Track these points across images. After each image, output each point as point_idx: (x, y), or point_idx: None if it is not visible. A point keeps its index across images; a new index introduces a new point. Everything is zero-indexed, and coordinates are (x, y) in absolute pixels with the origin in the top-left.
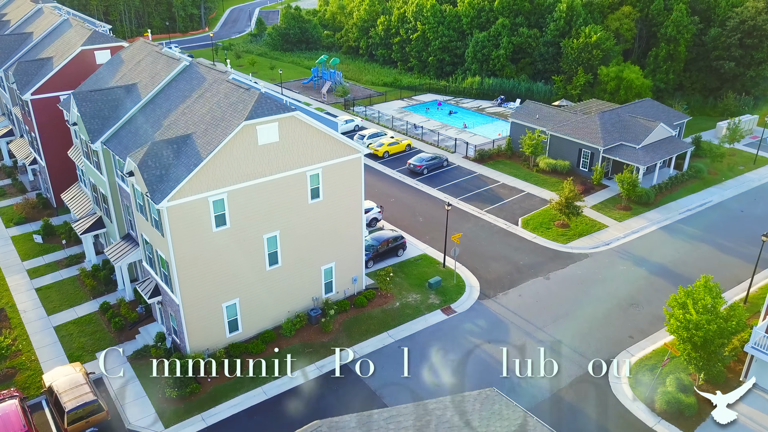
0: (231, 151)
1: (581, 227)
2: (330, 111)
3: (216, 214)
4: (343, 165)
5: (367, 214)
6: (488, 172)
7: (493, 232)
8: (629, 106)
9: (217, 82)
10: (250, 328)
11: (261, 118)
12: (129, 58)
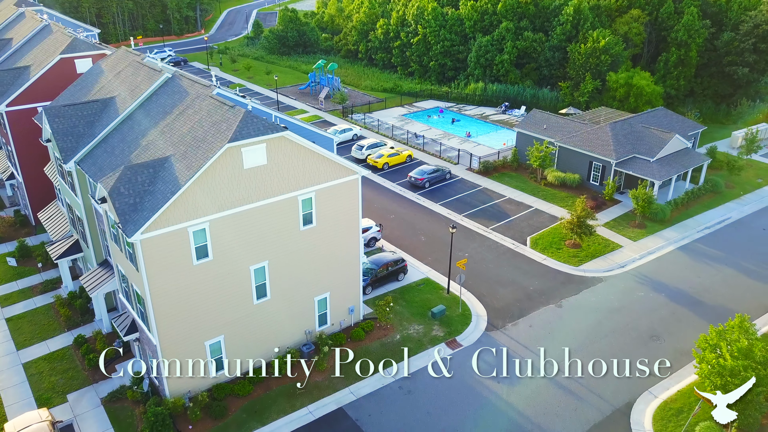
0: (213, 176)
1: (594, 247)
2: (327, 119)
3: (197, 245)
4: (339, 187)
5: (365, 234)
6: (493, 185)
7: (500, 252)
8: (642, 116)
9: (200, 98)
10: (237, 366)
11: (246, 140)
12: (110, 68)
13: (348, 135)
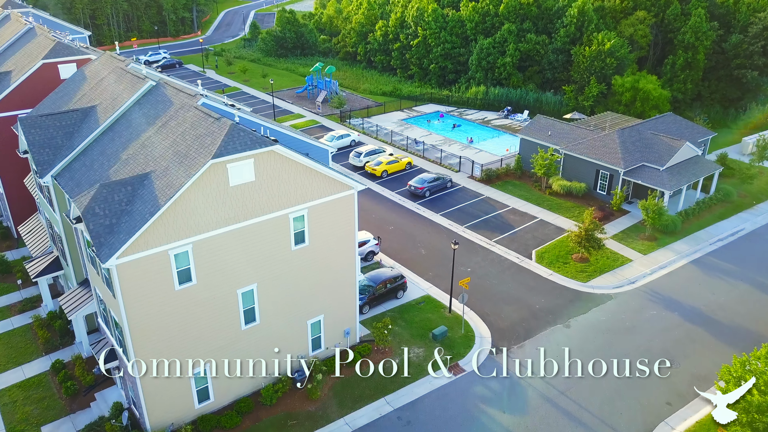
0: (196, 194)
1: (602, 261)
2: (325, 123)
3: (179, 269)
4: (334, 204)
5: (362, 248)
6: (496, 194)
7: (504, 267)
8: (650, 122)
9: (184, 109)
10: (224, 396)
11: (232, 155)
12: (92, 75)
13: (346, 141)
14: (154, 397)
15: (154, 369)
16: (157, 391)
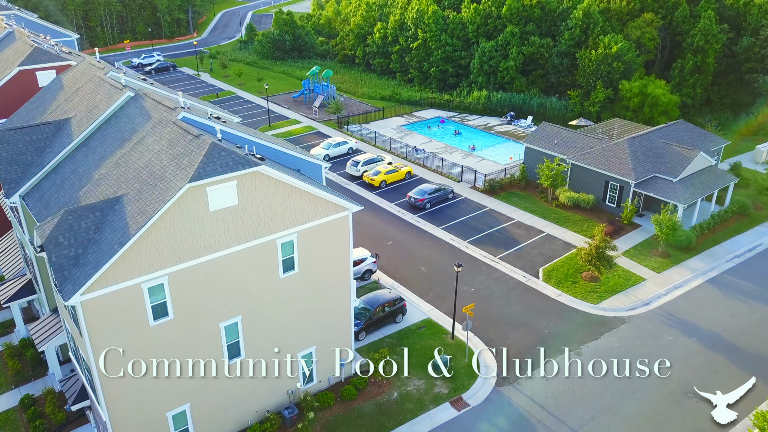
0: (172, 221)
1: (613, 280)
2: (321, 130)
3: (154, 303)
4: (326, 226)
5: (359, 266)
6: (500, 206)
7: (509, 287)
8: (661, 130)
9: (162, 124)
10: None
11: (212, 178)
12: (70, 83)
13: (343, 149)
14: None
15: (128, 412)
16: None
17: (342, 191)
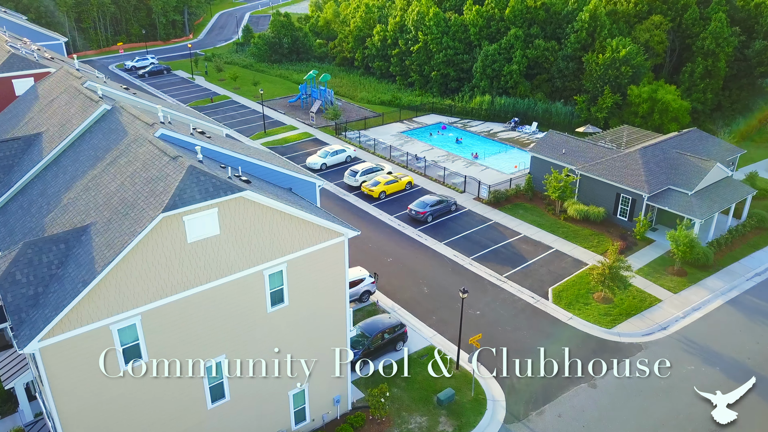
0: (144, 255)
1: (628, 302)
2: (319, 136)
3: (125, 346)
4: (320, 254)
5: (356, 287)
6: (506, 219)
7: (517, 309)
8: (674, 139)
9: (138, 142)
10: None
11: (189, 206)
12: (45, 93)
13: (341, 157)
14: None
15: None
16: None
17: (339, 202)
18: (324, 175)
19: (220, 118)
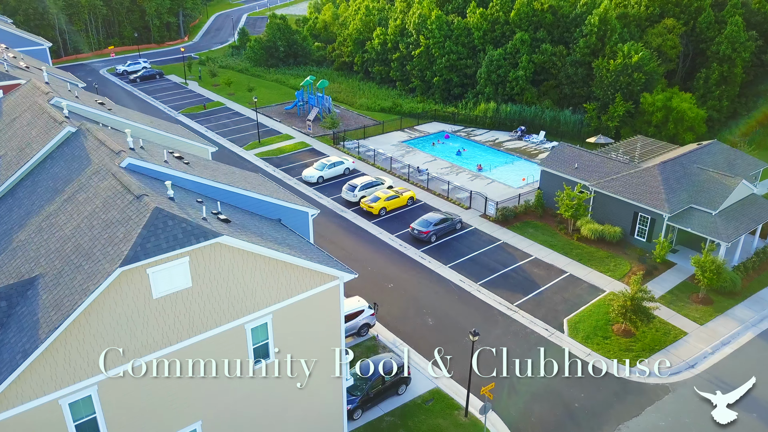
0: (100, 316)
1: (651, 335)
2: (316, 146)
3: (78, 421)
4: (311, 301)
5: (355, 320)
6: (515, 239)
7: (531, 343)
8: (694, 153)
9: (100, 174)
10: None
11: (153, 258)
12: (9, 110)
13: (339, 169)
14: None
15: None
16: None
17: (336, 220)
18: (321, 189)
19: (213, 126)
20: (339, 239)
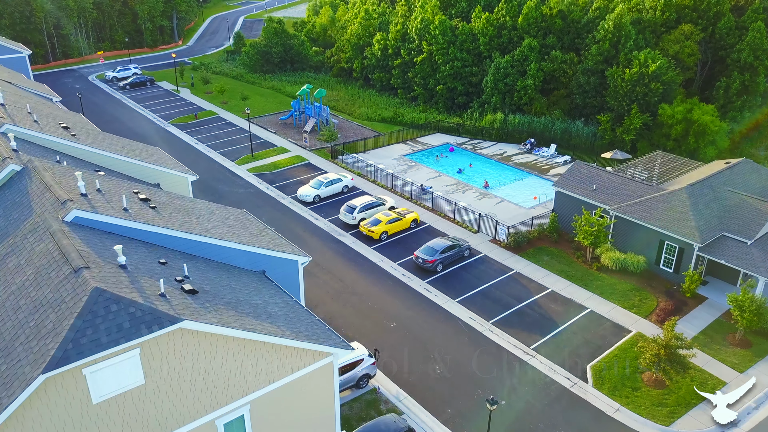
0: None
1: (685, 385)
2: (313, 161)
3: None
4: (298, 384)
5: (353, 370)
6: (529, 269)
7: (551, 397)
8: (723, 173)
9: (37, 232)
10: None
11: (90, 357)
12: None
13: (337, 187)
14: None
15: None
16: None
17: (333, 245)
18: (317, 209)
19: (204, 138)
20: (336, 268)
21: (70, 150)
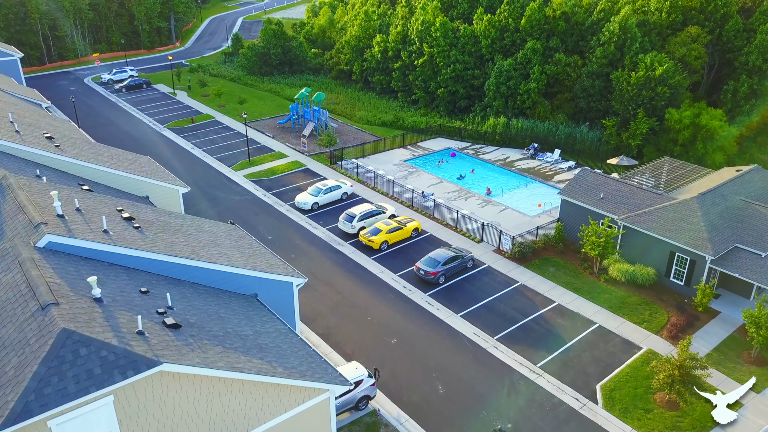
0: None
1: (700, 407)
2: (311, 166)
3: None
4: (291, 424)
5: (352, 393)
6: (534, 281)
7: (559, 419)
8: (734, 181)
9: (5, 261)
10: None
11: (56, 408)
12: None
13: (336, 194)
14: None
15: None
16: None
17: (332, 255)
18: (315, 217)
19: (200, 142)
20: (335, 280)
21: (52, 162)
